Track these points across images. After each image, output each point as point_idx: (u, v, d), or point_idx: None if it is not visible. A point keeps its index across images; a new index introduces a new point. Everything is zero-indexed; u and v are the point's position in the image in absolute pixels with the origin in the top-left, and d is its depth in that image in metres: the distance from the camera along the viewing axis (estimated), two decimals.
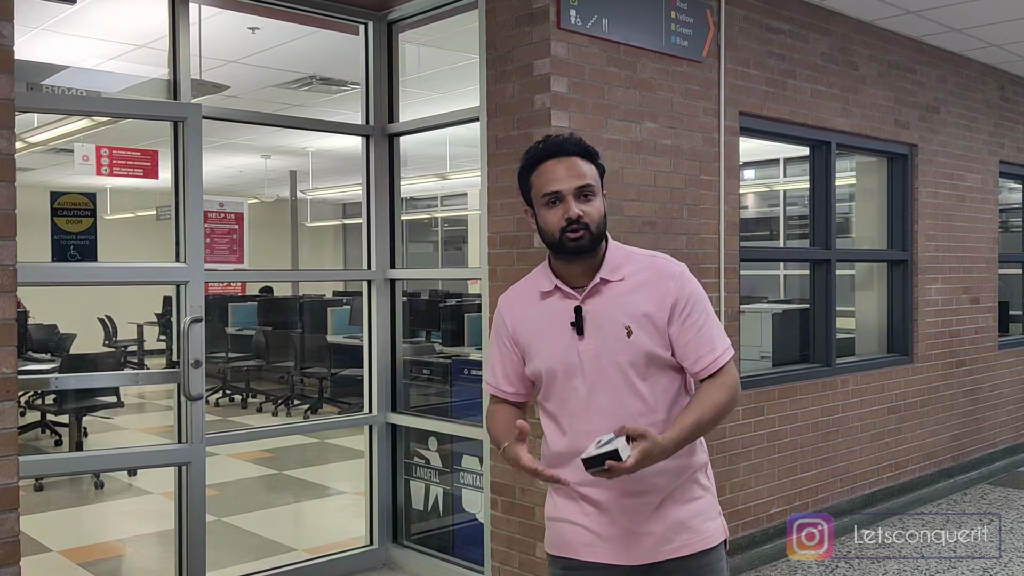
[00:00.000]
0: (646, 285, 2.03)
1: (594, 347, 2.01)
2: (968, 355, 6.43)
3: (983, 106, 6.56)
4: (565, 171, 2.01)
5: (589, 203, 2.00)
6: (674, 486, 2.04)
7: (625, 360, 2.00)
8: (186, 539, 3.95)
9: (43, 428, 8.20)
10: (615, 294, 2.02)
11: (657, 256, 2.12)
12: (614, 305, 2.02)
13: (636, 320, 2.00)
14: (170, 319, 4.47)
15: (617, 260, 2.06)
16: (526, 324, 2.11)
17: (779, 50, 4.87)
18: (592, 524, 2.06)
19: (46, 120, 6.86)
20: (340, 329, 10.32)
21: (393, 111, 4.71)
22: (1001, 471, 6.65)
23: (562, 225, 1.99)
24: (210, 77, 6.41)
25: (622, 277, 2.04)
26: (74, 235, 3.72)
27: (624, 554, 2.04)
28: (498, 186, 4.01)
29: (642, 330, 2.00)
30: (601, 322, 2.01)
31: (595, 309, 2.02)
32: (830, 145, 5.34)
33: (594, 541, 2.05)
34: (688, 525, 2.04)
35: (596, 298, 2.03)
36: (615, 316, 2.01)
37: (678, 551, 2.03)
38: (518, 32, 3.87)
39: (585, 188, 2.00)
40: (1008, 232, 7.99)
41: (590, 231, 1.99)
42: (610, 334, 2.00)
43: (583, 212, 1.98)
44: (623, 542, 2.03)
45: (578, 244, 1.99)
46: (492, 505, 4.08)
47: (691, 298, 2.03)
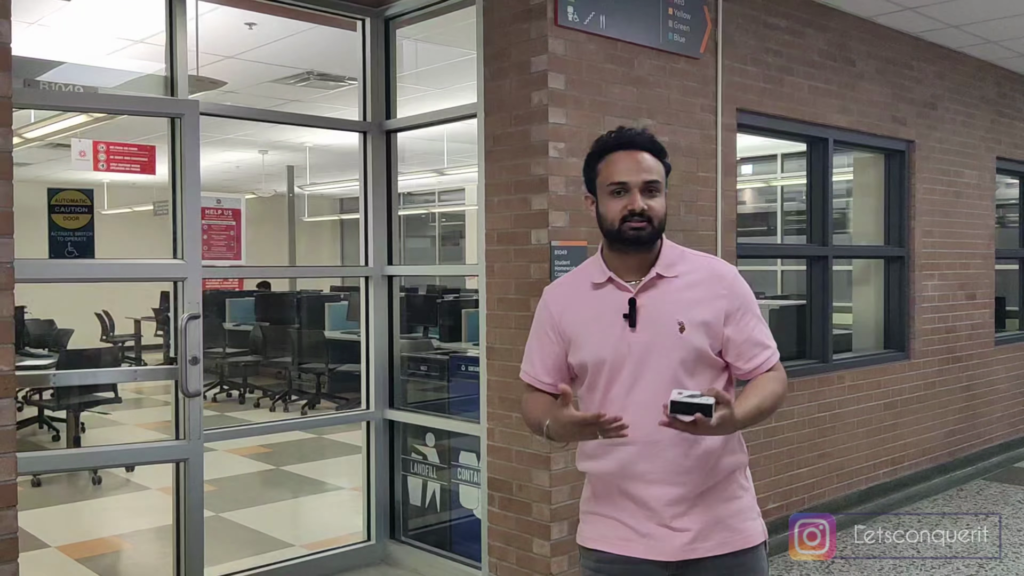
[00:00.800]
0: (700, 284, 2.06)
1: (646, 340, 2.02)
2: (964, 351, 6.45)
3: (980, 102, 6.57)
4: (635, 164, 2.04)
5: (654, 198, 2.03)
6: (713, 483, 2.03)
7: (676, 355, 2.01)
8: (184, 535, 3.96)
9: (41, 424, 8.20)
10: (669, 290, 2.04)
11: (711, 258, 2.17)
12: (668, 300, 2.03)
13: (689, 317, 2.02)
14: (168, 315, 4.47)
15: (672, 258, 2.08)
16: (574, 314, 2.12)
17: (776, 46, 4.87)
18: (628, 518, 2.05)
19: (43, 116, 6.85)
20: (337, 325, 10.32)
21: (390, 107, 4.71)
22: (997, 467, 6.67)
23: (624, 215, 2.01)
24: (207, 73, 6.40)
25: (676, 275, 2.06)
26: (71, 232, 3.71)
27: (659, 550, 2.02)
28: (495, 182, 4.01)
29: (694, 328, 2.01)
30: (654, 316, 2.03)
31: (649, 303, 2.04)
32: (827, 141, 5.34)
33: (629, 535, 2.04)
34: (727, 524, 2.04)
35: (650, 292, 2.04)
36: (668, 311, 2.02)
37: (715, 549, 2.02)
38: (515, 29, 3.87)
39: (652, 184, 2.03)
40: (1005, 228, 8.01)
41: (652, 225, 2.02)
42: (663, 329, 2.02)
43: (648, 206, 2.01)
44: (659, 538, 2.02)
45: (638, 235, 2.01)
46: (489, 501, 4.09)
47: (744, 300, 2.08)
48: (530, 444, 3.87)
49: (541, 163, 3.79)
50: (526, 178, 3.86)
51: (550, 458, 3.80)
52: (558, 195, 3.80)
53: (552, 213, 3.78)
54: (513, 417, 3.95)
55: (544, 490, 3.83)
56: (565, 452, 3.85)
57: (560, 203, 3.81)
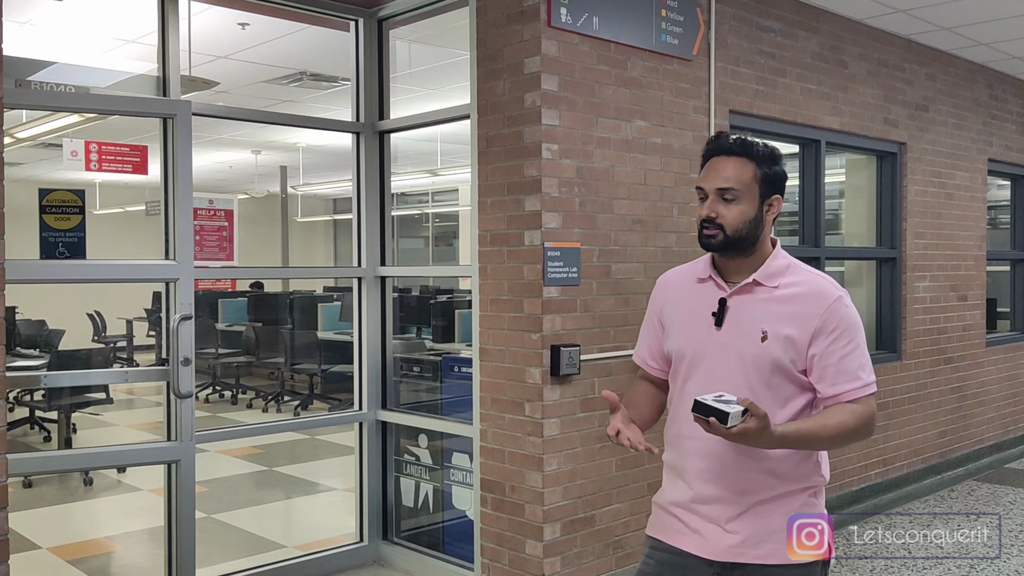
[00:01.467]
0: (797, 299, 2.02)
1: (727, 341, 2.04)
2: (956, 352, 6.47)
3: (972, 104, 6.59)
4: (714, 171, 2.05)
5: (727, 205, 2.02)
6: (773, 495, 2.03)
7: (751, 361, 2.01)
8: (176, 536, 3.95)
9: (32, 424, 8.17)
10: (763, 298, 2.04)
11: (821, 276, 2.10)
12: (758, 307, 2.03)
13: (775, 328, 2.00)
14: (160, 315, 4.46)
15: (776, 268, 2.07)
16: (674, 304, 2.17)
17: (769, 48, 4.88)
18: (684, 513, 2.09)
19: (35, 115, 6.82)
20: (330, 325, 10.31)
21: (384, 108, 4.71)
22: (988, 467, 6.70)
23: (701, 221, 2.06)
24: (200, 73, 6.39)
25: (777, 285, 2.05)
26: (63, 232, 3.70)
27: (707, 547, 2.05)
28: (488, 183, 4.01)
29: (777, 340, 2.00)
30: (740, 320, 2.04)
31: (739, 306, 2.05)
32: (820, 143, 5.36)
33: (683, 529, 2.09)
34: (781, 536, 2.03)
35: (744, 296, 2.06)
36: (756, 317, 2.03)
37: (764, 558, 2.02)
38: (509, 30, 3.87)
39: (727, 191, 2.02)
40: (997, 229, 8.04)
41: (724, 233, 2.02)
42: (745, 333, 2.02)
43: (717, 213, 2.02)
44: (708, 536, 2.05)
45: (708, 242, 2.05)
46: (482, 502, 4.08)
47: (841, 324, 2.00)
48: (523, 445, 3.87)
49: (534, 164, 3.79)
50: (519, 179, 3.86)
51: (542, 459, 3.80)
52: (551, 196, 3.80)
53: (545, 214, 3.78)
54: (506, 418, 3.95)
55: (537, 491, 3.83)
56: (558, 453, 3.86)
57: (553, 204, 3.81)
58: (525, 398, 3.86)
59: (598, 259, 4.00)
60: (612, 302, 4.03)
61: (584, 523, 3.95)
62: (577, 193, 3.90)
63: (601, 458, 4.00)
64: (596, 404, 3.97)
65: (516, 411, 3.90)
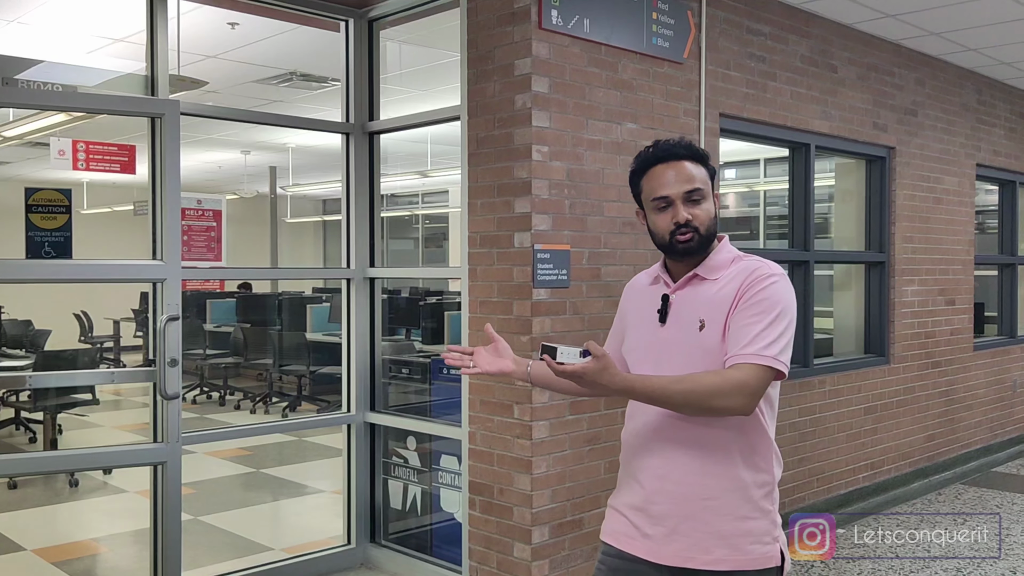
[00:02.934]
0: (731, 282, 2.03)
1: (669, 336, 2.07)
2: (944, 356, 6.49)
3: (960, 109, 6.62)
4: (674, 176, 2.04)
5: (698, 206, 2.04)
6: (721, 495, 1.99)
7: (694, 351, 2.01)
8: (161, 538, 3.92)
9: (17, 425, 8.11)
10: (704, 290, 2.05)
11: (763, 262, 2.07)
12: (699, 300, 2.05)
13: (710, 315, 2.01)
14: (147, 316, 4.43)
15: (720, 261, 2.08)
16: (632, 307, 2.23)
17: (759, 52, 4.89)
18: (636, 515, 2.08)
19: (22, 114, 6.78)
20: (319, 326, 10.27)
21: (373, 109, 4.69)
22: (975, 471, 6.72)
23: (671, 229, 2.04)
24: (189, 72, 6.36)
25: (717, 277, 2.06)
26: (49, 232, 3.68)
27: (657, 552, 2.04)
28: (478, 185, 4.00)
29: (713, 325, 2.00)
30: (681, 313, 2.06)
31: (680, 301, 2.08)
32: (809, 147, 5.37)
33: (633, 533, 2.08)
34: (731, 542, 1.99)
35: (685, 290, 2.09)
36: (695, 309, 2.04)
37: (714, 564, 1.99)
38: (499, 31, 3.86)
39: (694, 192, 2.04)
40: (985, 234, 8.08)
41: (699, 233, 2.04)
42: (685, 325, 2.05)
43: (692, 215, 2.03)
44: (659, 539, 2.03)
45: (687, 247, 2.04)
46: (470, 505, 4.07)
47: (761, 295, 1.96)
48: (512, 448, 3.86)
49: (524, 166, 3.78)
50: (509, 181, 3.85)
51: (531, 462, 3.79)
52: (541, 198, 3.80)
53: (535, 216, 3.78)
54: (495, 420, 3.94)
55: (525, 494, 3.82)
56: (547, 456, 3.85)
57: (543, 206, 3.81)
58: (514, 400, 3.85)
59: (588, 261, 3.99)
60: (602, 304, 4.02)
61: (573, 526, 3.94)
62: (567, 195, 3.90)
63: (590, 461, 4.00)
64: (585, 407, 3.96)
65: (505, 413, 3.89)
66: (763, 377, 1.91)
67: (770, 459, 2.07)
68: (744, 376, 1.90)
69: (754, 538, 2.00)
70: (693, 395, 1.89)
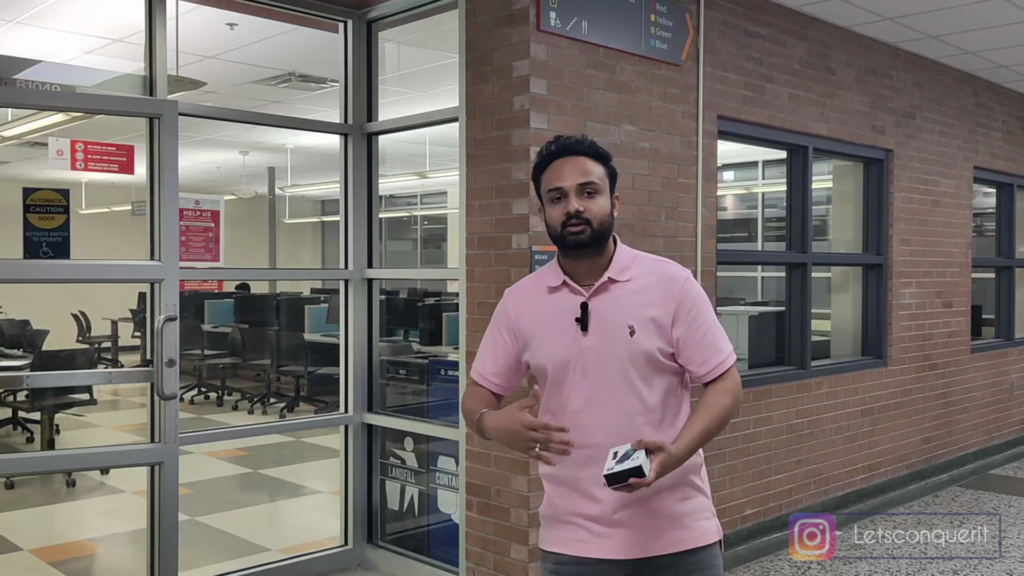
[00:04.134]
0: (652, 287, 2.08)
1: (596, 344, 2.05)
2: (941, 358, 6.50)
3: (958, 112, 6.63)
4: (570, 169, 2.07)
5: (592, 200, 2.05)
6: (666, 484, 2.04)
7: (626, 358, 2.04)
8: (158, 539, 3.92)
9: (15, 425, 8.10)
10: (621, 294, 2.07)
11: (664, 261, 2.17)
12: (619, 304, 2.06)
13: (640, 320, 2.04)
14: (145, 316, 4.43)
15: (624, 262, 2.11)
16: (530, 317, 2.16)
17: (757, 54, 4.89)
18: (584, 520, 2.09)
19: (20, 114, 6.77)
20: (317, 327, 10.27)
21: (372, 110, 4.70)
22: (972, 474, 6.73)
23: (563, 220, 2.05)
24: (187, 73, 6.36)
25: (629, 278, 2.09)
26: (47, 232, 3.68)
27: (614, 549, 2.07)
28: (476, 186, 4.00)
29: (645, 331, 2.04)
30: (605, 320, 2.06)
31: (600, 307, 2.07)
32: (807, 149, 5.38)
33: (587, 537, 2.09)
34: (680, 523, 2.08)
35: (602, 296, 2.08)
36: (619, 315, 2.05)
37: (669, 547, 2.07)
38: (498, 33, 3.87)
39: (588, 185, 2.06)
40: (982, 237, 8.09)
41: (591, 227, 2.04)
42: (613, 332, 2.05)
43: (584, 207, 2.04)
44: (613, 537, 2.07)
45: (578, 239, 2.04)
46: (467, 506, 4.07)
47: (696, 302, 2.09)
48: (509, 449, 3.86)
49: (522, 168, 3.79)
50: (507, 182, 3.86)
51: (528, 463, 3.79)
52: None
53: (533, 218, 3.78)
54: None
55: (522, 495, 3.82)
56: None
57: None
58: (511, 401, 3.84)
59: None
60: None
61: None
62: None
63: None
64: None
65: None
66: (736, 370, 2.12)
67: None
68: (735, 381, 2.10)
69: (697, 515, 2.11)
70: (725, 420, 2.05)
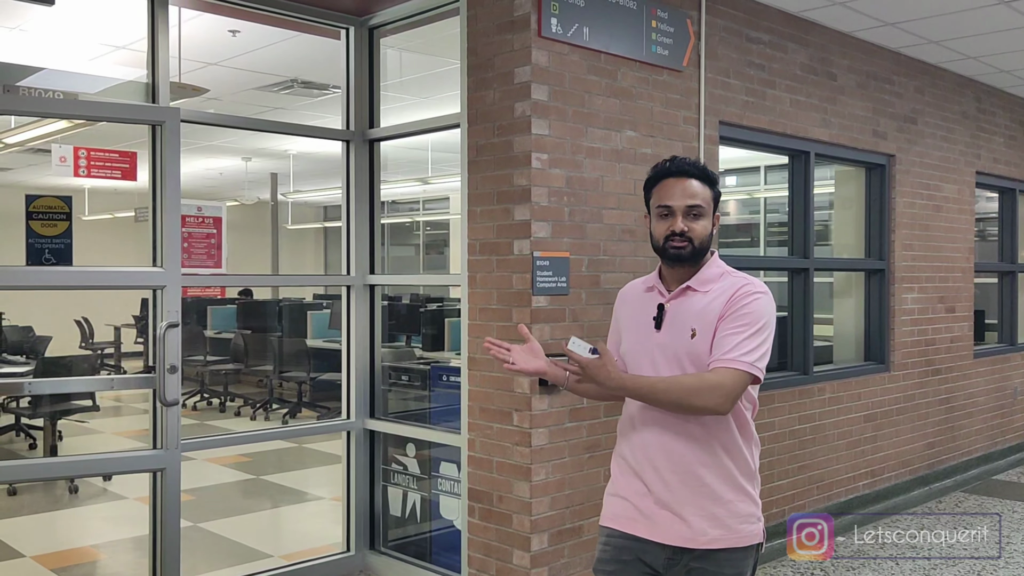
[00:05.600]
0: (720, 295, 2.25)
1: (664, 341, 2.28)
2: (944, 364, 6.49)
3: (960, 117, 6.63)
4: (681, 190, 2.28)
5: (696, 221, 2.27)
6: (713, 482, 2.23)
7: (685, 357, 2.23)
8: (160, 545, 3.92)
9: (17, 432, 8.10)
10: (696, 302, 2.27)
11: (746, 277, 2.31)
12: (692, 310, 2.27)
13: (701, 324, 2.23)
14: (147, 322, 4.44)
15: (710, 275, 2.30)
16: (627, 311, 2.44)
17: (759, 60, 4.90)
18: (638, 501, 2.30)
19: (23, 121, 6.79)
20: (320, 333, 10.27)
21: (374, 116, 4.70)
22: (975, 479, 6.71)
23: (667, 235, 2.27)
24: (190, 80, 6.37)
25: (708, 290, 2.27)
26: (49, 239, 3.68)
27: (660, 533, 2.26)
28: (478, 193, 4.01)
29: (703, 334, 2.22)
30: (676, 322, 2.28)
31: (675, 310, 2.29)
32: (809, 155, 5.38)
33: (637, 516, 2.30)
34: (725, 523, 2.23)
35: (679, 300, 2.30)
36: (687, 318, 2.26)
37: (712, 543, 2.23)
38: (499, 39, 3.88)
39: (695, 208, 2.27)
40: (985, 241, 8.08)
41: (693, 245, 2.26)
42: (678, 332, 2.26)
43: (688, 228, 2.25)
44: (662, 522, 2.26)
45: (679, 253, 2.27)
46: (469, 512, 4.07)
47: (747, 308, 2.21)
48: (511, 455, 3.86)
49: (524, 174, 3.79)
50: (509, 188, 3.86)
51: (531, 469, 3.79)
52: (540, 206, 3.80)
53: (534, 224, 3.78)
54: (494, 428, 3.94)
55: (524, 501, 3.82)
56: (546, 463, 3.85)
57: (543, 214, 3.81)
58: (513, 407, 3.85)
59: (587, 268, 4.00)
60: (601, 312, 4.02)
61: (572, 533, 3.94)
62: (567, 203, 3.91)
63: (589, 468, 4.00)
64: (585, 414, 3.96)
65: (504, 421, 3.89)
66: (739, 380, 2.15)
67: (752, 449, 2.33)
68: (720, 379, 2.15)
69: (742, 519, 2.26)
70: (673, 394, 2.16)
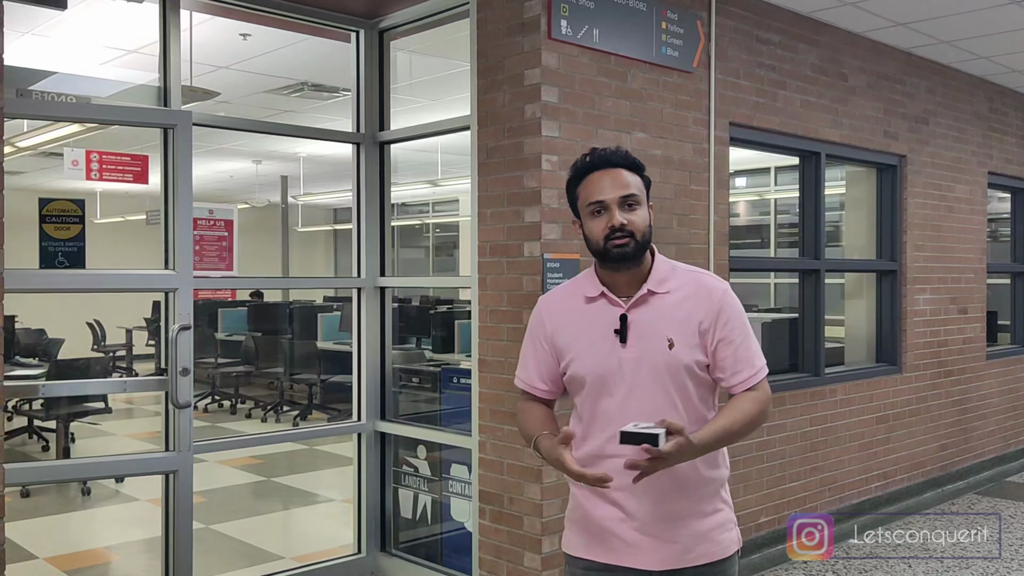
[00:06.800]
0: (690, 299, 2.08)
1: (635, 355, 2.05)
2: (956, 365, 6.46)
3: (972, 117, 6.60)
4: (610, 181, 2.05)
5: (633, 212, 2.05)
6: (698, 498, 2.09)
7: (664, 370, 2.04)
8: (173, 547, 3.94)
9: (30, 434, 8.15)
10: (660, 306, 2.07)
11: (701, 272, 2.17)
12: (658, 316, 2.06)
13: (678, 333, 2.05)
14: (159, 325, 4.46)
15: (663, 273, 2.11)
16: (566, 327, 2.15)
17: (769, 61, 4.89)
18: (616, 527, 2.09)
19: (36, 124, 6.84)
20: (330, 335, 10.29)
21: (384, 119, 4.71)
22: (988, 481, 6.67)
23: (606, 233, 2.04)
24: (201, 83, 6.40)
25: (668, 290, 2.09)
26: (62, 242, 3.71)
27: (644, 559, 2.08)
28: (488, 195, 4.01)
29: (683, 343, 2.05)
30: (644, 332, 2.06)
31: (639, 319, 2.07)
32: (820, 156, 5.36)
33: (619, 546, 2.09)
34: (708, 536, 2.11)
35: (641, 308, 2.08)
36: (658, 327, 2.05)
37: (697, 560, 2.09)
38: (509, 41, 3.88)
39: (629, 198, 2.05)
40: (997, 242, 8.04)
41: (635, 239, 2.04)
42: (652, 344, 2.05)
43: (627, 220, 2.03)
44: (646, 548, 2.08)
45: (623, 251, 2.03)
46: (480, 514, 4.07)
47: (732, 315, 2.09)
48: (522, 457, 3.86)
49: (534, 176, 3.79)
50: (519, 190, 3.86)
51: (541, 471, 3.79)
52: (551, 208, 3.80)
53: (545, 226, 3.78)
54: (505, 430, 3.94)
55: (535, 503, 3.81)
56: None
57: (553, 216, 3.81)
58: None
59: None
60: None
61: None
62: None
63: None
64: None
65: (515, 423, 3.87)
66: (767, 384, 2.12)
67: (725, 455, 2.18)
68: (766, 392, 2.11)
69: (723, 528, 2.14)
70: (748, 425, 2.04)
